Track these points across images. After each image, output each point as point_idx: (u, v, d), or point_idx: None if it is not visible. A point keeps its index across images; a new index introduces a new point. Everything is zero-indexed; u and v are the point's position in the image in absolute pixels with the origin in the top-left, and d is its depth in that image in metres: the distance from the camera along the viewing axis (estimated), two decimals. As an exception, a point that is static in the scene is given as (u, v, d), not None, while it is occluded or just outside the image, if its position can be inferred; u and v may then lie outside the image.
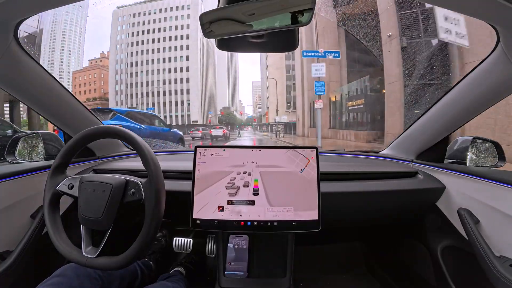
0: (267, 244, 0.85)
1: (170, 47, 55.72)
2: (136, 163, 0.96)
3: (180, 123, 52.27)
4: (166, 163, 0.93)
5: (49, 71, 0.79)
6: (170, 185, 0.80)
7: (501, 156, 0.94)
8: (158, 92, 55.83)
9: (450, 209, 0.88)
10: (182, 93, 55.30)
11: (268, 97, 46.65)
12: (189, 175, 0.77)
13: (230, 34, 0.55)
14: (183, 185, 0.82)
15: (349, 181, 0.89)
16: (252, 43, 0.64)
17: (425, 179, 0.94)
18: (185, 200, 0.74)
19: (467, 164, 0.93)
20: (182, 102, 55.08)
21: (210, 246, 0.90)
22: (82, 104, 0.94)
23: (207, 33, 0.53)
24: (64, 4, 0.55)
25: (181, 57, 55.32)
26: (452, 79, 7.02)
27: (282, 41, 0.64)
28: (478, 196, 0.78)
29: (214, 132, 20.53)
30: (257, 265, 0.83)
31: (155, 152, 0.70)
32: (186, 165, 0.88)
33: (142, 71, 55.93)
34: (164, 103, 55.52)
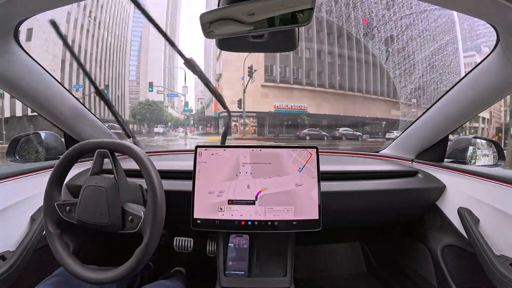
0: (268, 243, 0.85)
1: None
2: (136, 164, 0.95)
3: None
4: (166, 163, 0.93)
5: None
6: (170, 185, 0.80)
7: (501, 156, 0.94)
8: None
9: (450, 209, 0.88)
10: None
11: (218, 56, 24.17)
12: (189, 175, 0.77)
13: (230, 34, 0.55)
14: (183, 185, 0.82)
15: (349, 181, 0.89)
16: (253, 43, 0.64)
17: (425, 178, 0.94)
18: (186, 200, 0.74)
19: (467, 163, 0.93)
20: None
21: (211, 245, 0.90)
22: (83, 104, 0.94)
23: (207, 33, 0.53)
24: (64, 4, 0.55)
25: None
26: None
27: (282, 40, 0.64)
28: (478, 195, 0.78)
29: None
30: (257, 264, 0.83)
31: (154, 152, 0.70)
32: (187, 165, 0.88)
33: None
34: None
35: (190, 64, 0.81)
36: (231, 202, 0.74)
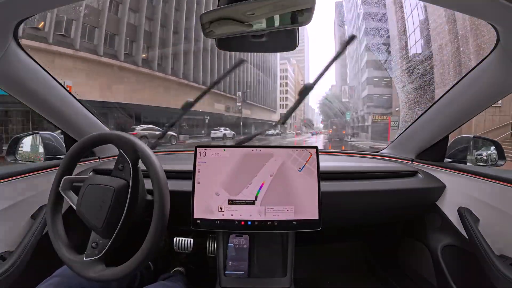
0: (268, 243, 0.85)
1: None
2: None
3: None
4: (166, 163, 0.92)
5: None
6: (170, 185, 0.80)
7: (501, 155, 0.94)
8: None
9: (450, 208, 0.88)
10: None
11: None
12: (189, 175, 0.77)
13: (230, 34, 0.55)
14: (183, 185, 0.82)
15: (349, 181, 0.89)
16: (253, 43, 0.64)
17: (425, 178, 0.94)
18: (186, 200, 0.74)
19: (467, 163, 0.93)
20: None
21: (211, 245, 0.90)
22: (83, 105, 0.94)
23: (207, 33, 0.53)
24: (64, 4, 0.55)
25: None
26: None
27: (283, 40, 0.64)
28: (478, 195, 0.78)
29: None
30: (257, 264, 0.83)
31: (155, 152, 0.70)
32: (187, 164, 0.88)
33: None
34: None
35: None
36: (231, 202, 0.74)
